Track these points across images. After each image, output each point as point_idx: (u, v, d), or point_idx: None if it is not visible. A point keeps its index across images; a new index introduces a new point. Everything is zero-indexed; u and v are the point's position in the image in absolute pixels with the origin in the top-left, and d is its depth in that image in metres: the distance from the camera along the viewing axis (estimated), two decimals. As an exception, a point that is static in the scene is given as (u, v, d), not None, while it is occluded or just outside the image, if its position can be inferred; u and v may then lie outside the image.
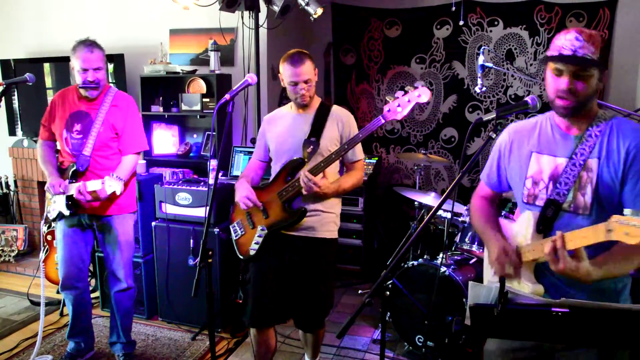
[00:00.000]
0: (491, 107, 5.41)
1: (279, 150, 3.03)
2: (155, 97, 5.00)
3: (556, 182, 1.89)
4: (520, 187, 2.03)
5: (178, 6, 4.54)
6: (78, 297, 3.49)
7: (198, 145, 5.14)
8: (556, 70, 1.81)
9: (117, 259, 3.47)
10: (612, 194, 1.81)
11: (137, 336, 4.00)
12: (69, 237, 3.41)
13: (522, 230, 1.96)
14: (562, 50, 1.79)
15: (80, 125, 3.30)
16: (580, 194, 1.84)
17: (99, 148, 3.29)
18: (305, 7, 4.27)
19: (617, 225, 1.48)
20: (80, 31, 5.26)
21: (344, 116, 3.04)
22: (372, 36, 5.78)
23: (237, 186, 3.05)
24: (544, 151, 1.96)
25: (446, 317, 3.53)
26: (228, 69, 4.95)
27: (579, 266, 1.63)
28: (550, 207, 1.88)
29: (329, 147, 2.95)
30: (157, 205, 4.15)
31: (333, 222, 3.05)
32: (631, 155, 1.77)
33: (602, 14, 4.89)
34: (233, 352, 3.83)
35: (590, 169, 1.83)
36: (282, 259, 2.98)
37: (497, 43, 5.28)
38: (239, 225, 3.12)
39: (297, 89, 2.90)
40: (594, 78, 1.80)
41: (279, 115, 3.15)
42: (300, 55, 2.88)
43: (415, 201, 4.23)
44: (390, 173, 5.94)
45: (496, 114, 1.79)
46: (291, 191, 2.90)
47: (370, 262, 5.32)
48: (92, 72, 3.20)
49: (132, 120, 3.41)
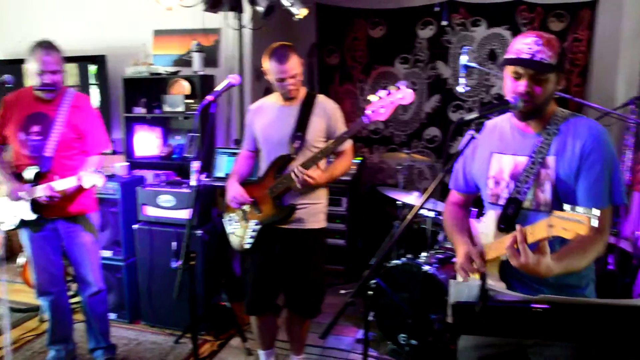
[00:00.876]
0: (474, 106, 5.44)
1: (266, 143, 3.09)
2: (138, 99, 4.96)
3: (517, 180, 1.92)
4: (484, 187, 2.07)
5: (161, 7, 4.51)
6: (54, 302, 3.42)
7: (181, 146, 5.11)
8: (515, 73, 1.84)
9: (85, 262, 3.40)
10: (569, 190, 1.85)
11: (120, 340, 3.96)
12: (36, 242, 3.33)
13: (485, 230, 2.00)
14: (521, 54, 1.81)
15: (39, 127, 3.21)
16: (540, 191, 1.88)
17: (61, 149, 3.23)
18: (290, 7, 4.26)
19: (557, 220, 1.53)
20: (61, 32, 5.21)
21: (330, 108, 3.09)
22: (356, 36, 5.79)
23: (228, 185, 3.14)
24: (504, 151, 2.00)
25: (429, 315, 3.53)
26: (212, 69, 4.92)
27: (541, 260, 1.64)
28: (511, 205, 1.92)
29: (315, 141, 3.02)
30: (139, 208, 4.12)
31: (321, 212, 3.15)
32: (585, 152, 1.81)
33: (583, 15, 4.93)
34: (217, 355, 3.80)
35: (549, 166, 1.86)
36: (274, 251, 3.10)
37: (480, 43, 5.31)
38: (233, 219, 3.20)
39: (285, 85, 2.94)
40: (551, 82, 1.84)
41: (265, 105, 3.16)
42: (285, 51, 2.89)
43: (398, 201, 4.24)
44: (374, 173, 5.95)
45: (478, 113, 1.81)
46: (281, 187, 2.99)
47: (354, 262, 5.32)
48: (49, 75, 3.13)
49: (94, 121, 3.38)
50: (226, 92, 4.46)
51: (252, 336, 3.87)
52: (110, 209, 4.14)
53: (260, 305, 3.25)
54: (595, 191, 1.80)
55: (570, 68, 5.03)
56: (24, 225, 3.29)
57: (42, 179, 3.18)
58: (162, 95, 4.81)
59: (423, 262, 3.66)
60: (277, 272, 3.13)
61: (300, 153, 2.99)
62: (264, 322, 3.34)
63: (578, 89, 5.04)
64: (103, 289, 3.52)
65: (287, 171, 2.99)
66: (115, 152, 5.11)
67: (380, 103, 2.77)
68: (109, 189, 4.08)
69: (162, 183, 4.20)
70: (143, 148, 5.05)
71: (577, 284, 1.92)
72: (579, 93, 5.02)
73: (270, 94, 3.20)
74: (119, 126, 5.10)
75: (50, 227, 3.34)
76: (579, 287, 1.93)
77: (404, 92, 2.76)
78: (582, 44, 4.98)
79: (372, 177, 5.94)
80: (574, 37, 4.98)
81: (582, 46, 4.98)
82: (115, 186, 4.08)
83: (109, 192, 4.09)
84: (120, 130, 5.09)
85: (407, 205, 4.16)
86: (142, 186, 4.12)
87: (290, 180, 2.92)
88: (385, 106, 2.77)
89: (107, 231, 4.19)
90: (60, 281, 3.48)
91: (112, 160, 4.88)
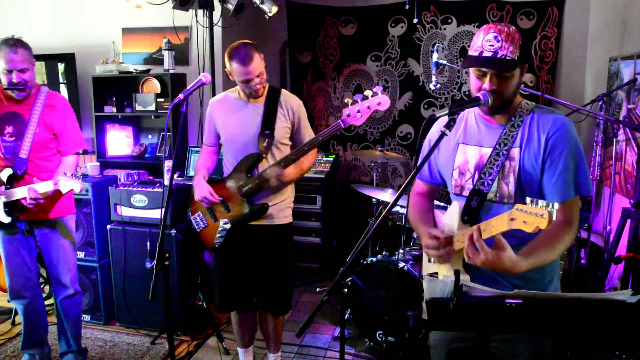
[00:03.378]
0: (446, 103, 5.49)
1: (231, 141, 3.07)
2: (109, 98, 4.89)
3: (481, 172, 1.93)
4: (449, 178, 2.08)
5: (130, 4, 4.46)
6: (29, 306, 3.35)
7: (153, 145, 5.06)
8: (479, 71, 1.85)
9: (61, 264, 3.34)
10: (534, 182, 1.86)
11: (94, 342, 3.92)
12: (9, 246, 3.26)
13: (448, 221, 2.01)
14: (483, 52, 1.81)
15: (12, 127, 3.13)
16: (504, 182, 1.89)
17: (37, 150, 3.15)
18: (260, 5, 4.24)
19: (518, 213, 1.54)
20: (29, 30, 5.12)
21: (294, 104, 3.09)
22: (328, 34, 5.79)
23: (195, 184, 3.11)
24: (470, 142, 2.01)
25: (406, 312, 3.57)
26: (183, 68, 4.88)
27: (501, 256, 1.64)
28: (475, 197, 1.92)
29: (282, 137, 3.05)
30: (112, 208, 4.07)
31: (288, 207, 3.19)
32: (550, 144, 1.83)
33: (551, 13, 5.02)
34: (194, 355, 3.79)
35: (513, 158, 1.88)
36: (245, 247, 3.12)
37: (451, 40, 5.37)
38: (200, 218, 3.20)
39: (251, 85, 2.91)
40: (516, 75, 1.84)
41: (228, 100, 3.12)
42: (247, 52, 2.84)
43: (372, 198, 4.26)
44: (348, 170, 5.97)
45: (449, 110, 1.81)
46: (252, 188, 2.99)
47: (330, 259, 5.33)
48: (16, 73, 3.02)
49: (69, 120, 3.29)
50: (198, 91, 4.47)
51: (229, 336, 3.87)
52: (83, 210, 4.08)
53: (232, 302, 3.27)
54: (562, 183, 1.81)
55: (540, 65, 5.12)
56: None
57: (17, 181, 3.11)
58: (133, 94, 4.76)
59: (398, 259, 3.68)
60: (249, 268, 3.15)
61: (269, 151, 3.00)
62: (242, 318, 3.36)
63: (547, 86, 5.13)
64: (78, 291, 3.46)
65: (257, 170, 3.00)
66: (86, 152, 5.04)
67: (357, 107, 2.78)
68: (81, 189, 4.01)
69: (135, 183, 4.15)
70: (115, 147, 4.99)
71: (540, 278, 1.94)
72: (548, 90, 5.11)
73: (233, 88, 3.16)
74: (90, 125, 5.03)
75: (25, 230, 3.27)
76: (542, 281, 1.95)
77: (380, 98, 2.77)
78: (550, 42, 5.06)
79: (346, 174, 5.97)
80: (543, 34, 5.06)
81: (550, 43, 5.07)
82: (87, 186, 4.03)
83: (81, 192, 4.01)
84: (91, 129, 5.03)
85: (382, 203, 4.19)
86: (115, 186, 4.07)
87: (263, 180, 2.93)
88: (362, 111, 2.79)
89: (80, 232, 4.13)
90: (35, 285, 3.40)
91: (83, 160, 4.82)
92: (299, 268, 5.20)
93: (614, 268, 3.56)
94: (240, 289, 3.21)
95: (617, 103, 4.00)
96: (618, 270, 3.59)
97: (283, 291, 3.23)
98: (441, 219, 2.12)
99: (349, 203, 5.77)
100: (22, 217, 3.19)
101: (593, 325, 1.49)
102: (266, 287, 3.19)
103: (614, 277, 3.70)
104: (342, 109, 2.85)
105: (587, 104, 3.98)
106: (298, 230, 5.16)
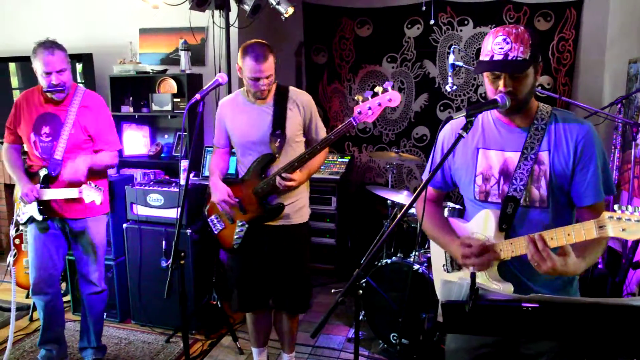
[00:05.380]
0: (462, 105, 5.46)
1: (243, 143, 3.07)
2: (125, 98, 4.94)
3: (508, 177, 1.92)
4: (470, 184, 2.02)
5: (148, 5, 4.49)
6: (49, 303, 3.39)
7: (169, 145, 5.10)
8: (492, 74, 1.84)
9: (90, 262, 3.40)
10: (565, 184, 1.87)
11: (110, 340, 3.95)
12: (40, 241, 3.31)
13: (481, 230, 1.96)
14: (494, 56, 1.80)
15: (49, 128, 3.19)
16: (535, 187, 1.88)
17: (71, 151, 3.19)
18: (276, 6, 4.25)
19: (611, 222, 1.52)
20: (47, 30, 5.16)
21: (304, 100, 3.07)
22: (344, 35, 5.79)
23: (212, 185, 3.11)
24: (491, 146, 1.98)
25: (420, 314, 3.55)
26: (199, 68, 4.91)
27: (567, 261, 1.66)
28: (510, 204, 1.90)
29: (295, 136, 3.02)
30: (129, 207, 4.10)
31: (305, 207, 3.18)
32: (580, 148, 1.83)
33: (569, 14, 4.98)
34: (208, 354, 3.80)
35: (543, 162, 1.87)
36: (262, 248, 3.12)
37: (468, 42, 5.34)
38: (218, 220, 3.19)
39: (259, 85, 2.90)
40: (530, 75, 1.83)
41: (237, 101, 3.11)
42: (263, 50, 2.83)
43: (387, 200, 4.25)
44: (363, 172, 5.96)
45: (466, 112, 1.80)
46: (267, 188, 2.98)
47: (344, 261, 5.33)
48: (55, 75, 3.08)
49: (104, 121, 3.33)
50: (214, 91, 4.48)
51: (243, 335, 3.88)
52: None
53: (250, 303, 3.26)
54: (594, 186, 1.83)
55: (558, 67, 5.07)
56: (31, 222, 3.29)
57: (52, 181, 3.18)
58: (150, 94, 4.79)
59: (413, 261, 3.67)
60: (266, 268, 3.14)
61: (282, 151, 2.99)
62: (258, 319, 3.36)
63: (565, 88, 5.08)
64: (105, 289, 3.52)
65: (270, 170, 3.00)
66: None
67: (368, 104, 2.75)
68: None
69: (151, 182, 4.18)
70: (131, 147, 5.03)
71: (566, 278, 1.94)
72: (566, 92, 5.07)
73: (240, 89, 3.15)
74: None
75: (58, 227, 3.33)
76: (569, 281, 1.97)
77: (391, 94, 2.73)
78: (568, 43, 5.02)
79: (361, 176, 5.96)
80: (561, 36, 5.02)
81: (568, 45, 5.02)
82: (104, 186, 4.06)
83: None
84: (108, 129, 5.06)
85: (397, 204, 4.18)
86: (131, 185, 4.10)
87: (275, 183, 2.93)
88: (373, 108, 2.75)
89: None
90: (57, 282, 3.44)
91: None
92: (314, 269, 5.19)
93: (632, 273, 3.52)
94: (257, 289, 3.21)
95: (637, 106, 3.95)
96: (636, 276, 3.55)
97: (301, 291, 3.22)
98: (463, 227, 2.08)
99: (363, 204, 5.76)
100: (55, 214, 3.26)
101: (610, 330, 1.48)
102: (283, 287, 3.19)
103: (632, 283, 3.66)
104: (355, 109, 2.83)
105: (606, 107, 3.93)
106: (313, 231, 5.13)
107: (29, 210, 3.23)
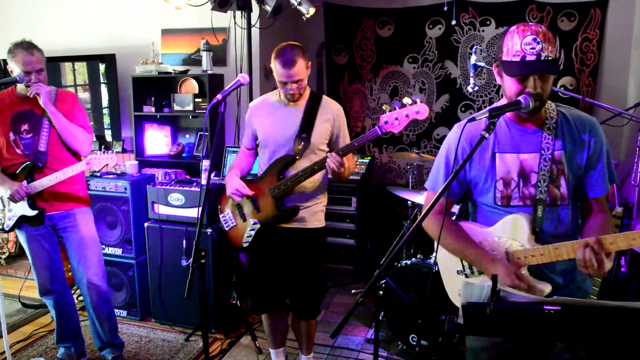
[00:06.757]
0: (484, 106, 5.42)
1: (268, 142, 3.06)
2: (147, 98, 4.98)
3: (526, 179, 1.91)
4: (491, 190, 1.98)
5: (170, 6, 4.53)
6: (58, 300, 3.43)
7: (190, 145, 5.13)
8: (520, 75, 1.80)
9: (86, 261, 3.38)
10: (580, 180, 1.92)
11: (130, 337, 3.99)
12: (34, 242, 3.33)
13: (511, 235, 1.92)
14: (526, 56, 1.76)
15: (28, 125, 3.23)
16: (555, 186, 1.89)
17: (54, 143, 3.24)
18: (298, 6, 4.26)
19: None
20: (71, 31, 5.25)
21: (335, 110, 3.06)
22: (365, 36, 5.79)
23: (228, 179, 3.11)
24: (506, 150, 1.96)
25: (439, 316, 3.53)
26: (220, 69, 4.93)
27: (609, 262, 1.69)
28: (539, 206, 1.89)
29: (320, 143, 3.00)
30: (150, 206, 4.14)
31: (321, 212, 3.15)
32: (592, 142, 1.88)
33: (594, 14, 4.92)
34: (227, 353, 3.82)
35: (560, 162, 1.89)
36: (275, 249, 3.09)
37: (489, 42, 5.30)
38: (230, 217, 3.19)
39: (287, 89, 2.91)
40: (554, 75, 1.84)
41: (267, 103, 3.12)
42: (292, 55, 2.83)
43: (408, 200, 4.24)
44: (383, 172, 5.95)
45: (489, 113, 1.77)
46: (284, 189, 2.96)
47: (364, 261, 5.32)
48: (35, 75, 3.14)
49: (79, 111, 3.37)
50: (235, 92, 4.51)
51: (262, 335, 3.89)
52: (121, 207, 4.16)
53: (264, 304, 3.26)
54: (603, 177, 1.91)
55: (581, 68, 5.01)
56: (22, 224, 3.28)
57: (38, 173, 3.21)
58: (172, 94, 4.83)
59: (433, 262, 3.65)
60: (280, 271, 3.12)
61: (304, 155, 2.97)
62: (274, 321, 3.35)
63: (588, 89, 5.02)
64: (105, 289, 3.48)
65: (289, 172, 2.97)
66: (125, 151, 5.14)
67: (395, 115, 2.68)
68: (119, 187, 4.13)
69: (172, 181, 4.21)
70: (153, 146, 5.07)
71: (583, 276, 1.96)
72: (589, 93, 5.00)
73: (273, 91, 3.16)
74: (129, 125, 5.12)
75: (48, 225, 3.34)
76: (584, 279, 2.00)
77: (419, 107, 2.64)
78: (592, 44, 4.96)
79: (381, 176, 5.94)
80: (584, 36, 4.96)
81: (592, 46, 4.96)
82: (126, 184, 4.11)
83: (119, 190, 4.13)
84: (130, 128, 5.11)
85: (417, 205, 4.16)
86: (153, 184, 4.14)
87: (295, 181, 2.90)
88: (400, 119, 2.67)
89: (118, 229, 4.22)
90: (62, 278, 3.46)
91: (122, 158, 4.91)
92: (333, 269, 5.20)
93: (656, 277, 3.47)
94: (271, 291, 3.19)
95: (662, 107, 3.89)
96: (660, 279, 3.49)
97: (312, 297, 3.20)
98: (483, 232, 2.02)
99: (383, 205, 5.75)
100: (44, 204, 3.26)
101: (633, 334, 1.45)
102: (296, 293, 3.18)
103: (656, 286, 3.60)
104: (378, 111, 2.81)
105: (630, 108, 3.87)
106: (333, 232, 5.17)
107: (18, 210, 3.23)
